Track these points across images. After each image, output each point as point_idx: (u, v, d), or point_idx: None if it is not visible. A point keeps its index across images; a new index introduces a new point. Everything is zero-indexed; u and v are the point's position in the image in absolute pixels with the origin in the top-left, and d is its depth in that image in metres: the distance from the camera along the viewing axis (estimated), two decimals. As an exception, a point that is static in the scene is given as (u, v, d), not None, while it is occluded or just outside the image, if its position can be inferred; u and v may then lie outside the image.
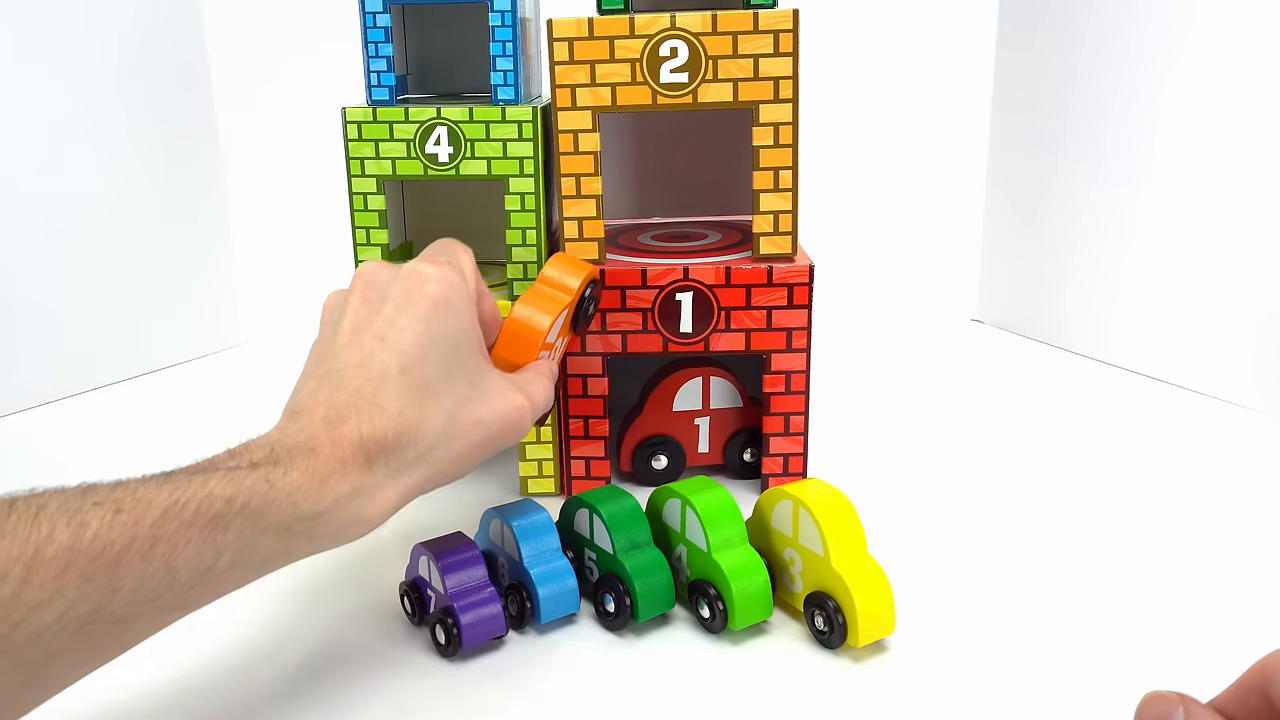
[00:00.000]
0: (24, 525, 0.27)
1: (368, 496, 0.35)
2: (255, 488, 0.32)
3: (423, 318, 0.38)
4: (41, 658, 0.27)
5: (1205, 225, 0.72)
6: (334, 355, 0.38)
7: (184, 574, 0.30)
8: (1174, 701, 0.28)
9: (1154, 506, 0.56)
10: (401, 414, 0.36)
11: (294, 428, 0.36)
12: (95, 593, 0.27)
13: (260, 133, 0.88)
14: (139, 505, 0.29)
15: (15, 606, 0.26)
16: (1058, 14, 0.82)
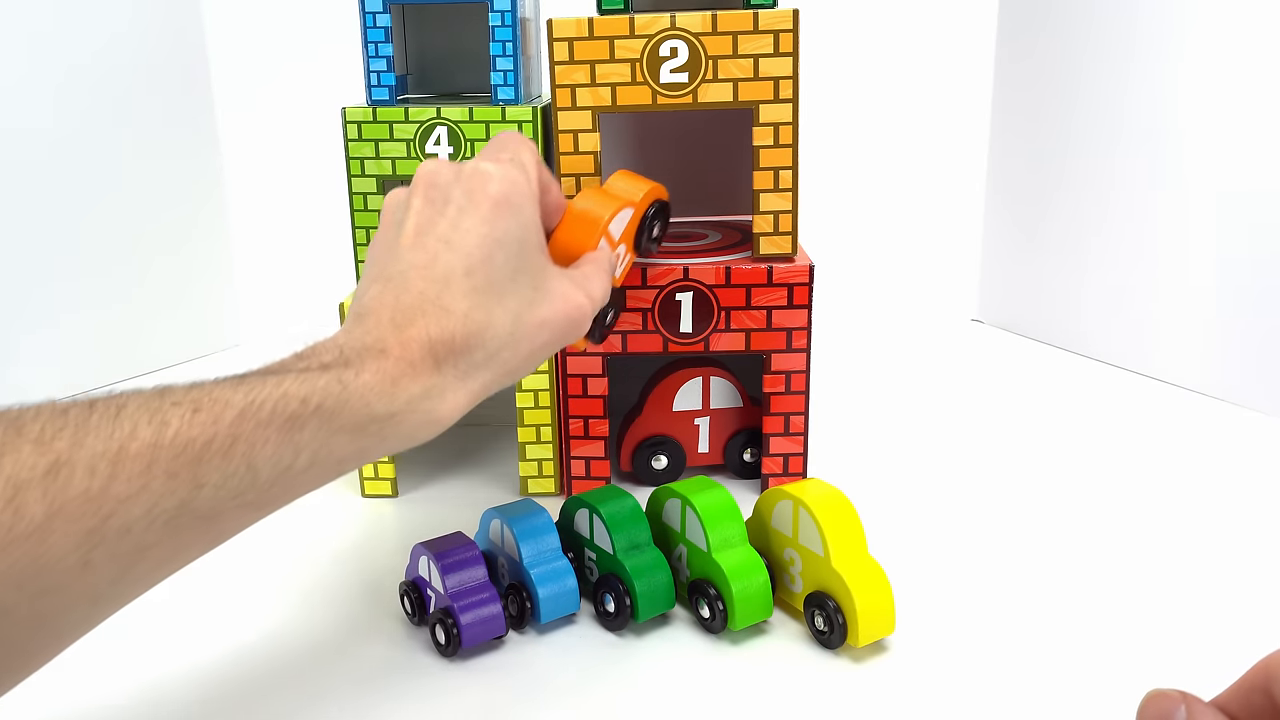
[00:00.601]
0: (106, 423, 0.27)
1: (438, 398, 0.35)
2: (329, 388, 0.32)
3: (486, 219, 0.38)
4: (133, 550, 0.28)
5: (1205, 225, 0.72)
6: (397, 257, 0.38)
7: (264, 472, 0.30)
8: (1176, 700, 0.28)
9: (1154, 506, 0.56)
10: (468, 316, 0.36)
11: (360, 330, 0.36)
12: (180, 488, 0.28)
13: (260, 133, 0.88)
14: (216, 405, 0.29)
15: (105, 500, 0.27)
16: (1058, 13, 0.82)
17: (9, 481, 0.25)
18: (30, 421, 0.27)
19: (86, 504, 0.26)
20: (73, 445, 0.27)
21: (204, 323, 0.88)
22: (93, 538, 0.27)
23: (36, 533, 0.25)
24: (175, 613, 0.46)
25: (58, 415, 0.27)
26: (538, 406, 0.57)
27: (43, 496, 0.26)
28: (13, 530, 0.25)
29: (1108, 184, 0.79)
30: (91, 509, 0.26)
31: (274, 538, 0.54)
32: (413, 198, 0.39)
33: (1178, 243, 0.74)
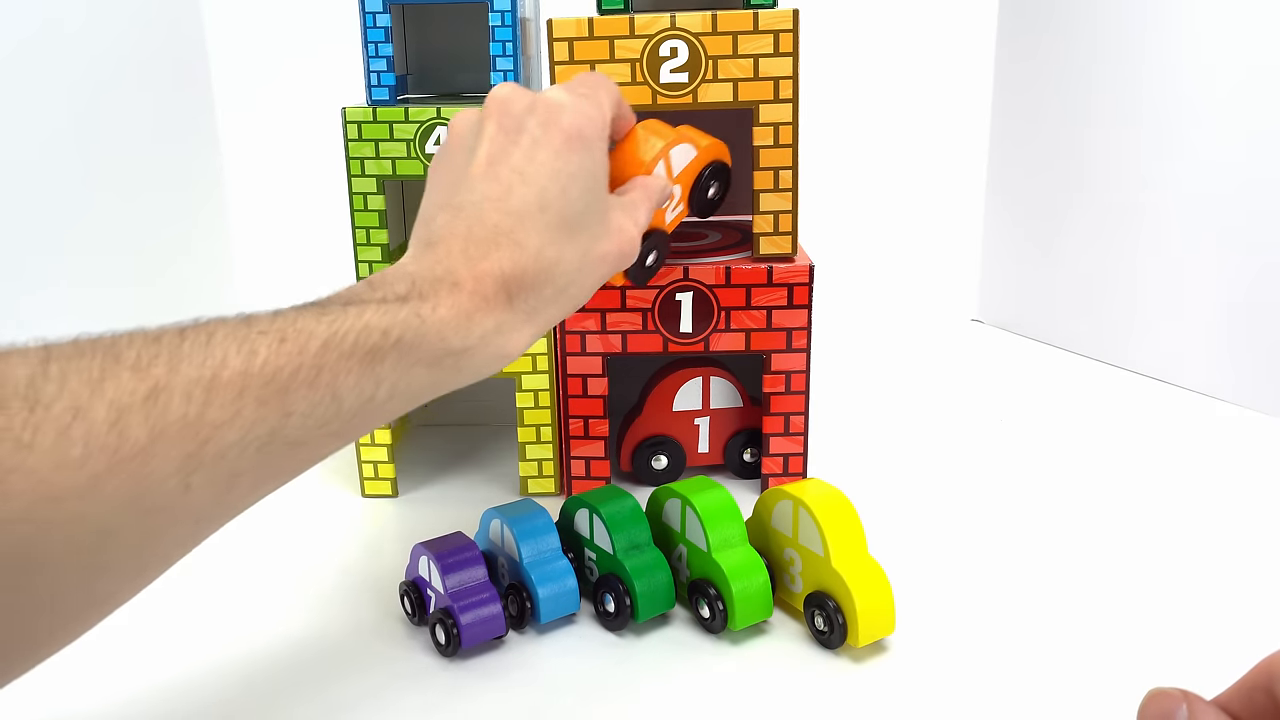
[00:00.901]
0: (199, 350, 0.28)
1: (510, 332, 0.36)
2: (408, 322, 0.32)
3: (560, 153, 0.38)
4: (229, 475, 0.29)
5: (1205, 225, 0.72)
6: (469, 186, 0.37)
7: (348, 402, 0.31)
8: (1177, 698, 0.27)
9: (1155, 506, 0.56)
10: (540, 252, 0.36)
11: (431, 258, 0.35)
12: (270, 416, 0.29)
13: (260, 133, 0.88)
14: (301, 335, 0.30)
15: (201, 425, 0.27)
16: (1058, 13, 0.82)
17: (112, 405, 0.26)
18: (126, 348, 0.27)
19: (184, 429, 0.27)
20: (169, 371, 0.27)
21: (204, 323, 0.88)
22: (191, 462, 0.27)
23: (140, 455, 0.26)
24: (175, 612, 0.46)
25: (151, 342, 0.28)
26: (538, 406, 0.57)
27: (144, 420, 0.26)
28: (118, 452, 0.26)
29: (1108, 184, 0.79)
30: (189, 434, 0.27)
31: (275, 537, 0.54)
32: (485, 123, 0.39)
33: (1178, 243, 0.74)
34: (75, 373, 0.26)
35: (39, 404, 0.25)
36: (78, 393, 0.26)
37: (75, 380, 0.26)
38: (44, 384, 0.25)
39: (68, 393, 0.26)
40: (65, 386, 0.26)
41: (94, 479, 0.25)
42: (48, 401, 0.25)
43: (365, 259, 0.57)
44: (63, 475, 0.25)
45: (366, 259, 0.57)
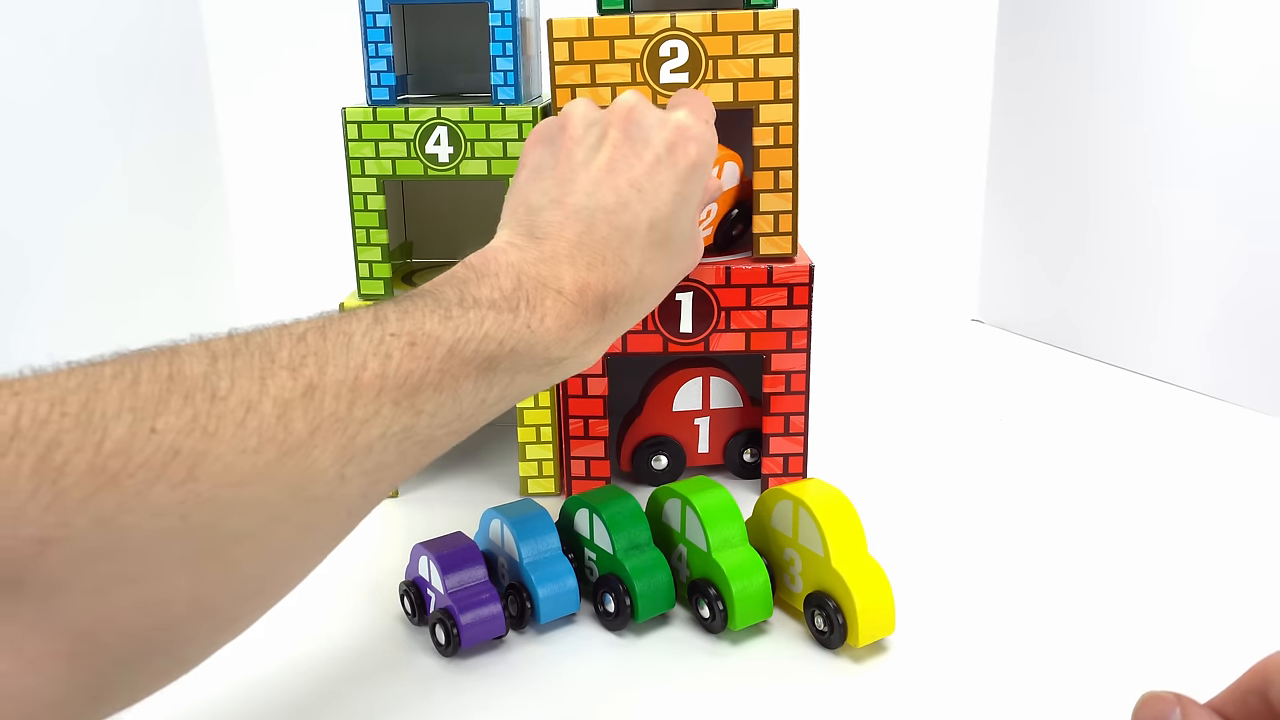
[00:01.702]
0: (340, 352, 0.30)
1: (595, 345, 0.38)
2: (521, 334, 0.35)
3: (681, 177, 0.39)
4: (375, 468, 0.31)
5: (1205, 225, 0.72)
6: (585, 190, 0.38)
7: (466, 403, 0.34)
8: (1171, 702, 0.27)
9: (1154, 506, 0.56)
10: (641, 273, 0.38)
11: (536, 255, 0.37)
12: (404, 415, 0.31)
13: (260, 133, 0.88)
14: (429, 341, 0.32)
15: (350, 422, 0.30)
16: (1058, 14, 0.82)
17: (276, 401, 0.28)
18: (278, 348, 0.29)
19: (336, 424, 0.29)
20: (318, 372, 0.29)
21: (204, 323, 0.88)
22: (345, 453, 0.30)
23: (303, 446, 0.28)
24: (175, 613, 0.46)
25: (298, 341, 0.30)
26: (538, 406, 0.57)
27: (304, 415, 0.28)
28: (285, 443, 0.28)
29: (1108, 184, 0.79)
30: (340, 428, 0.29)
31: (274, 538, 0.54)
32: (611, 127, 0.40)
33: (1178, 243, 0.74)
34: (241, 370, 0.28)
35: (216, 396, 0.27)
36: (247, 388, 0.28)
37: (243, 377, 0.28)
38: (217, 380, 0.28)
39: (239, 388, 0.28)
40: (236, 382, 0.28)
41: (268, 466, 0.27)
42: (223, 394, 0.27)
43: (365, 259, 0.57)
44: (243, 461, 0.27)
45: (366, 259, 0.57)
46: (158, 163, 0.82)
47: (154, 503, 0.25)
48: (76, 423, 0.24)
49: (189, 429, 0.26)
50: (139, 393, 0.26)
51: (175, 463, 0.25)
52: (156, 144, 0.82)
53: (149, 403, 0.26)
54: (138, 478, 0.25)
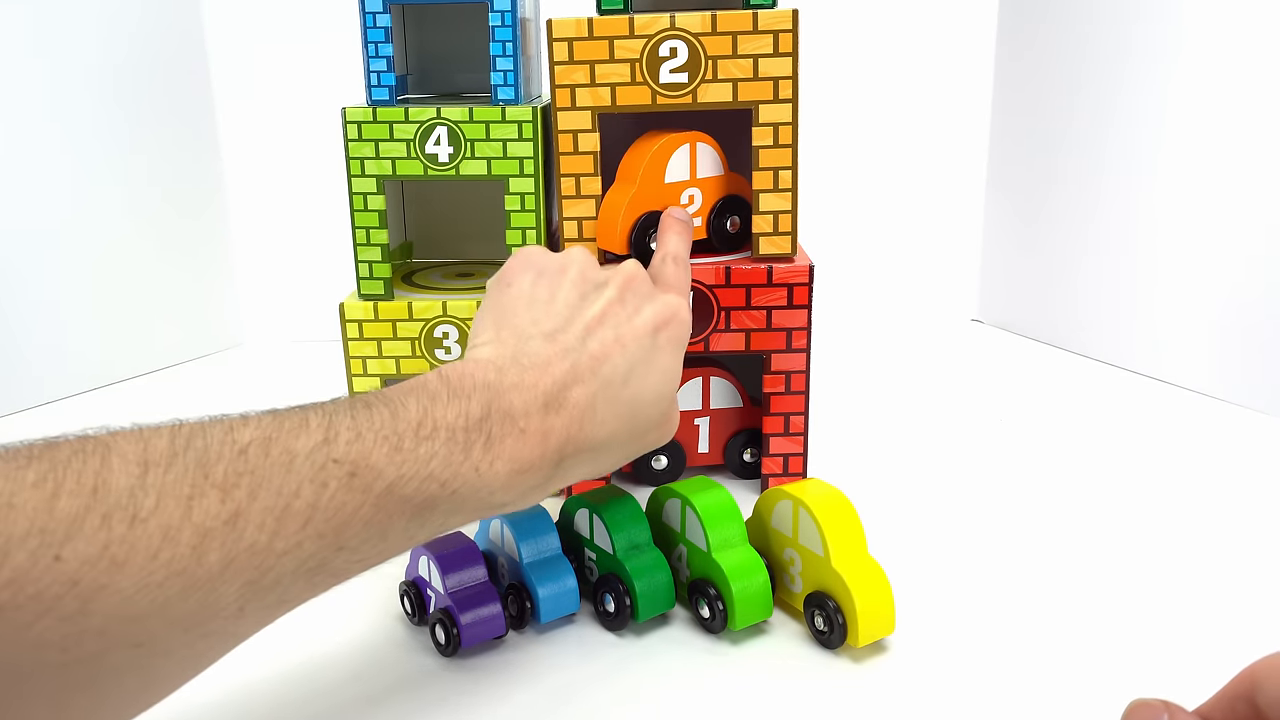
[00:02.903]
0: (278, 475, 0.29)
1: (540, 491, 0.37)
2: (467, 477, 0.34)
3: (662, 350, 0.41)
4: (277, 602, 0.30)
5: (1205, 225, 0.72)
6: (577, 335, 0.39)
7: (391, 540, 0.32)
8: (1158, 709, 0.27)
9: (1153, 507, 0.56)
10: (607, 427, 0.38)
11: (512, 383, 0.36)
12: (325, 549, 0.30)
13: (260, 133, 0.88)
14: (370, 473, 0.31)
15: (268, 555, 0.28)
16: (1058, 13, 0.82)
17: (197, 529, 0.27)
18: (215, 462, 0.28)
19: (252, 557, 0.28)
20: (249, 497, 0.28)
21: (204, 323, 0.88)
22: (250, 589, 0.28)
23: (210, 581, 0.27)
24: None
25: (237, 456, 0.28)
26: (538, 406, 0.57)
27: (221, 546, 0.27)
28: (195, 577, 0.26)
29: (1108, 184, 0.79)
30: (255, 562, 0.28)
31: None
32: (609, 285, 0.41)
33: (1178, 243, 0.74)
34: (170, 488, 0.27)
35: (136, 519, 0.25)
36: (170, 513, 0.26)
37: (169, 498, 0.26)
38: (142, 498, 0.26)
39: (161, 510, 0.26)
40: (161, 503, 0.26)
41: (167, 602, 0.26)
42: (144, 517, 0.26)
43: (365, 259, 0.57)
44: (143, 596, 0.25)
45: (366, 259, 0.57)
46: (158, 163, 0.82)
47: (38, 637, 0.23)
48: None
49: (96, 559, 0.24)
50: (55, 510, 0.24)
51: (70, 595, 0.24)
52: (157, 144, 0.82)
53: (62, 524, 0.24)
54: (26, 610, 0.23)
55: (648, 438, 0.41)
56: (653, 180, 0.53)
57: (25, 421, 0.73)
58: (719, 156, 0.55)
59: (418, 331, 0.57)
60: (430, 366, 0.57)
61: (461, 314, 0.57)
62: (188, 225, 0.86)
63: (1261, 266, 0.68)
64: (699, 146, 0.54)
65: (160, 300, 0.84)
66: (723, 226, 0.56)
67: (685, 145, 0.54)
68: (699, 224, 0.56)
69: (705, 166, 0.55)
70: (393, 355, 0.57)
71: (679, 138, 0.53)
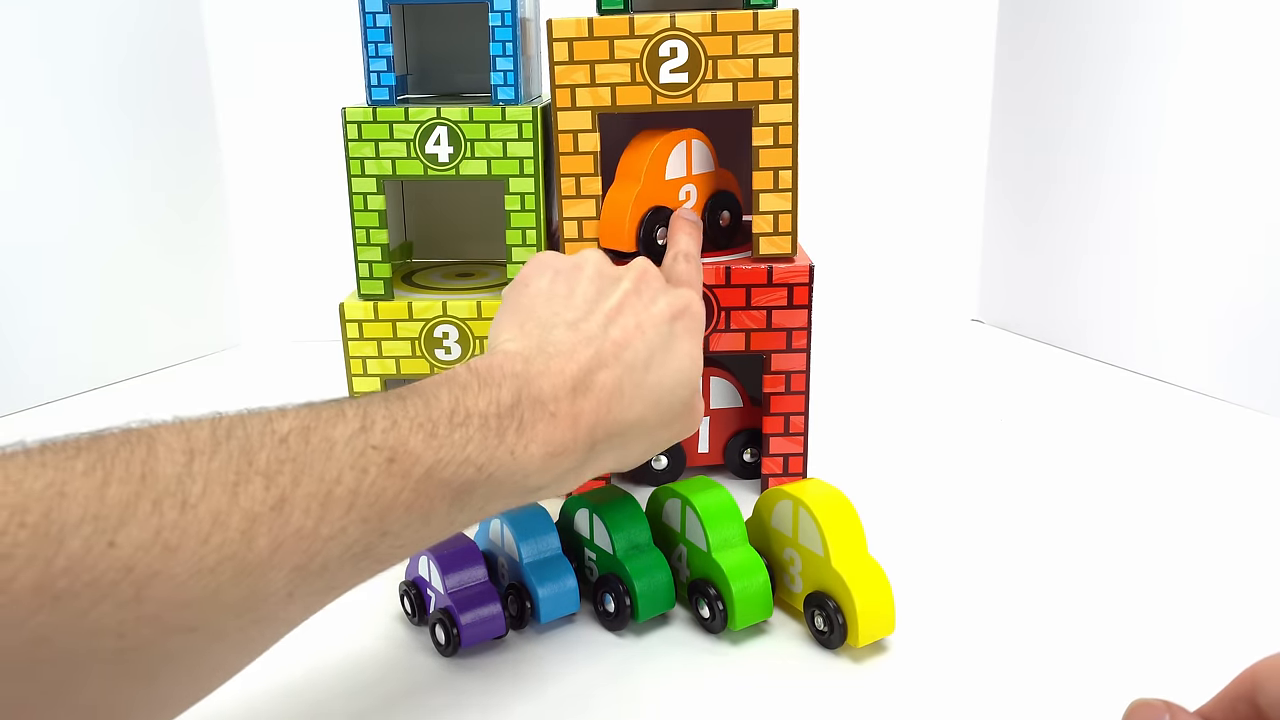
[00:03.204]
0: (319, 461, 0.29)
1: (576, 475, 0.38)
2: (503, 460, 0.34)
3: (679, 337, 0.42)
4: (325, 587, 0.30)
5: (1205, 225, 0.72)
6: (599, 323, 0.40)
7: (434, 525, 0.33)
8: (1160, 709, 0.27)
9: (1154, 507, 0.56)
10: (641, 416, 0.39)
11: (541, 370, 0.37)
12: (370, 534, 0.30)
13: (260, 133, 0.88)
14: (408, 459, 0.31)
15: (314, 539, 0.28)
16: (1057, 12, 0.82)
17: (245, 514, 0.27)
18: (258, 449, 0.28)
19: (300, 541, 0.28)
20: (293, 483, 0.28)
21: (204, 323, 0.88)
22: (299, 573, 0.28)
23: (260, 566, 0.27)
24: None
25: (278, 444, 0.29)
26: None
27: (269, 531, 0.27)
28: (245, 562, 0.27)
29: (1108, 183, 0.79)
30: (303, 547, 0.28)
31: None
32: (624, 279, 0.42)
33: (1178, 243, 0.74)
34: (216, 474, 0.27)
35: (186, 505, 0.26)
36: (218, 498, 0.26)
37: (216, 484, 0.27)
38: (190, 484, 0.26)
39: (209, 496, 0.26)
40: (208, 489, 0.26)
41: (219, 588, 0.26)
42: (194, 502, 0.26)
43: (365, 259, 0.57)
44: (196, 582, 0.25)
45: (366, 259, 0.57)
46: (158, 163, 0.82)
47: (94, 623, 0.24)
48: (34, 534, 0.23)
49: (150, 544, 0.25)
50: (106, 497, 0.24)
51: (125, 581, 0.24)
52: (157, 144, 0.82)
53: (114, 510, 0.24)
54: (83, 597, 0.23)
55: (674, 426, 0.42)
56: (655, 177, 0.53)
57: (25, 421, 0.73)
58: (710, 153, 0.55)
59: (418, 331, 0.57)
60: (430, 366, 0.57)
61: (461, 314, 0.57)
62: (187, 225, 0.86)
63: (1262, 266, 0.68)
64: (693, 143, 0.54)
65: (160, 300, 0.84)
66: (715, 221, 0.56)
67: (682, 142, 0.54)
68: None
69: (699, 163, 0.55)
70: (393, 355, 0.57)
71: (677, 135, 0.53)
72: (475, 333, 0.57)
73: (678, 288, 0.44)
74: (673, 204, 0.54)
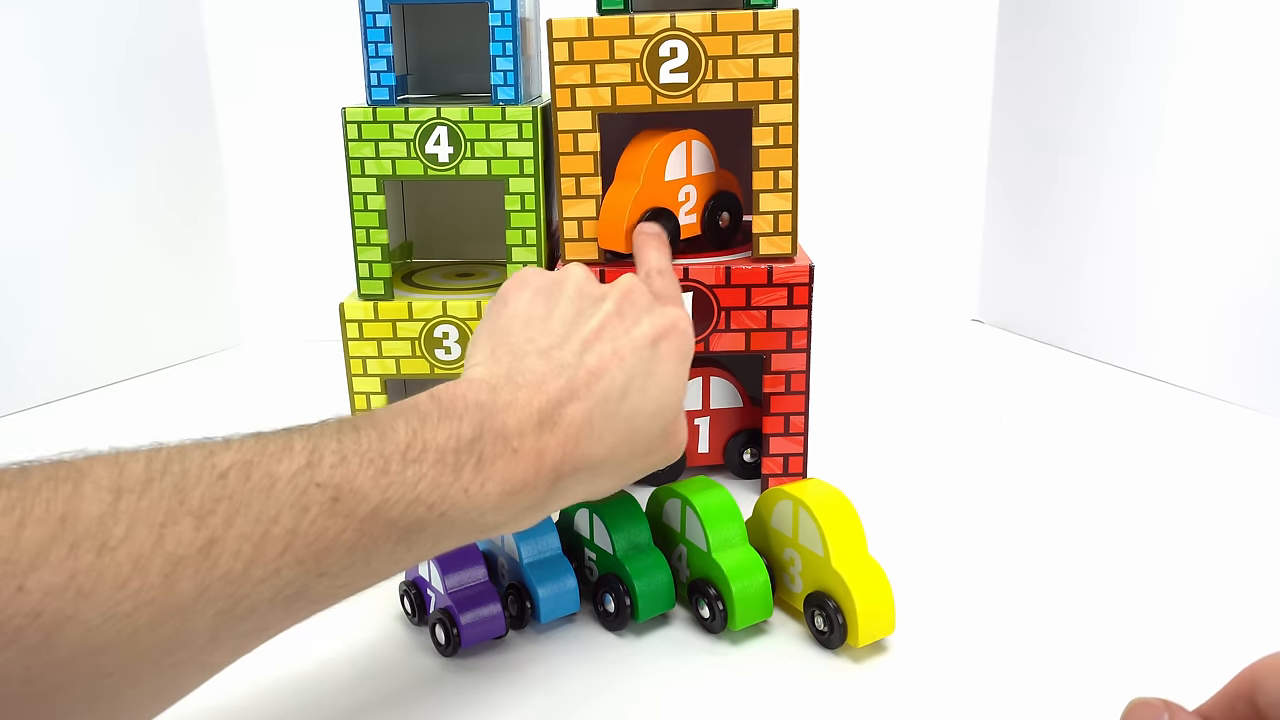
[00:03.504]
0: (257, 500, 0.28)
1: (537, 511, 0.36)
2: (456, 499, 0.32)
3: (662, 361, 0.40)
4: (253, 630, 0.29)
5: (1205, 225, 0.72)
6: (574, 350, 0.38)
7: (376, 564, 0.31)
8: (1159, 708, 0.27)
9: (1153, 507, 0.56)
10: (612, 450, 0.38)
11: (507, 402, 0.35)
12: (305, 575, 0.29)
13: (260, 133, 0.88)
14: (354, 498, 0.30)
15: (244, 583, 0.27)
16: (1058, 13, 0.82)
17: (169, 558, 0.26)
18: (193, 486, 0.27)
19: (227, 585, 0.27)
20: (225, 523, 0.27)
21: (204, 323, 0.88)
22: (224, 617, 0.27)
23: (181, 611, 0.26)
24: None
25: (216, 480, 0.27)
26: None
27: (194, 574, 0.26)
28: (164, 606, 0.26)
29: (1108, 184, 0.79)
30: (230, 591, 0.27)
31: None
32: (607, 299, 0.41)
33: (1178, 243, 0.74)
34: (143, 514, 0.26)
35: (105, 548, 0.25)
36: (141, 541, 0.25)
37: (141, 525, 0.26)
38: (113, 525, 0.25)
39: (132, 539, 0.25)
40: (132, 531, 0.25)
41: (135, 633, 0.25)
42: (114, 545, 0.25)
43: (365, 259, 0.57)
44: (109, 627, 0.25)
45: (366, 259, 0.57)
46: (158, 163, 0.82)
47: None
48: None
49: (62, 589, 0.24)
50: (20, 540, 0.23)
51: (33, 626, 0.23)
52: (157, 144, 0.82)
53: (27, 554, 0.23)
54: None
55: (651, 457, 0.41)
56: (655, 178, 0.53)
57: (24, 422, 0.73)
58: (710, 153, 0.56)
59: (418, 331, 0.57)
60: (430, 367, 0.57)
61: (461, 314, 0.57)
62: (187, 226, 0.86)
63: (1262, 266, 0.68)
64: (694, 144, 0.54)
65: (160, 300, 0.84)
66: (715, 222, 0.56)
67: (682, 143, 0.54)
68: (693, 220, 0.56)
69: (699, 163, 0.55)
70: (393, 355, 0.57)
71: (677, 135, 0.54)
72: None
73: (664, 306, 0.42)
74: (672, 205, 0.54)
